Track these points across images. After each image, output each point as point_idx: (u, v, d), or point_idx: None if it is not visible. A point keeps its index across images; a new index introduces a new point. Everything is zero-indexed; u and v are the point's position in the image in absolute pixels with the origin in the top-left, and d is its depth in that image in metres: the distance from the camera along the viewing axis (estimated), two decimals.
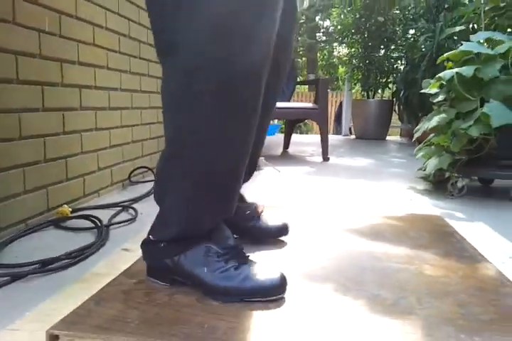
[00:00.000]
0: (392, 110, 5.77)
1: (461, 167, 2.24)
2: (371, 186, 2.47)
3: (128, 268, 1.04)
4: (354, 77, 6.19)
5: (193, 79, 0.80)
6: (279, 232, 1.24)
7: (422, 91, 2.50)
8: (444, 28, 4.87)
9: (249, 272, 0.88)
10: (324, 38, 15.70)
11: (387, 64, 5.91)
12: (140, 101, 2.38)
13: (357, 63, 6.05)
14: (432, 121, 2.30)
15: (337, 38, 6.38)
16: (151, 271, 0.96)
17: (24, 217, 1.45)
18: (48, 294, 0.94)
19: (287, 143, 4.09)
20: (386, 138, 5.87)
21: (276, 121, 7.34)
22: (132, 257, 1.11)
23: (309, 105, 3.47)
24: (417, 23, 5.78)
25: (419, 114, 4.86)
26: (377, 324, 0.79)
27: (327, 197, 2.16)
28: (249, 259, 0.93)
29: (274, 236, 1.24)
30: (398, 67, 5.99)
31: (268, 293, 0.86)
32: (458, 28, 4.53)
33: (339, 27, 6.17)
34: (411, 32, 5.70)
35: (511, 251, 1.33)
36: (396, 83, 5.71)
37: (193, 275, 0.88)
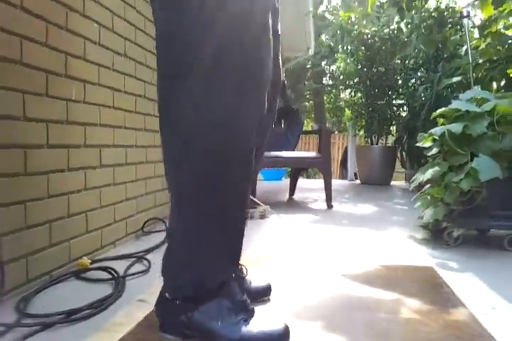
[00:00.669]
0: (396, 156, 5.94)
1: (455, 217, 2.37)
2: (372, 235, 2.59)
3: (144, 319, 1.17)
4: (358, 124, 6.41)
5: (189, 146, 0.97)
6: (264, 293, 1.32)
7: (417, 144, 2.67)
8: (442, 78, 5.10)
9: (258, 324, 0.99)
10: (331, 82, 16.17)
11: (390, 111, 6.14)
12: (153, 156, 2.56)
13: (360, 110, 6.29)
14: (427, 173, 2.45)
15: (342, 83, 6.65)
16: (164, 326, 1.06)
17: (49, 269, 1.59)
18: None
19: (293, 189, 4.25)
20: (391, 184, 6.00)
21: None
22: (148, 307, 1.24)
23: (312, 154, 3.64)
24: (417, 73, 6.05)
25: (422, 161, 5.03)
26: None
27: (327, 246, 2.28)
28: (254, 312, 1.05)
29: (259, 298, 1.30)
30: (400, 114, 6.21)
31: None
32: (455, 78, 4.76)
33: (341, 77, 6.45)
34: (412, 81, 5.95)
35: (495, 302, 1.44)
36: (398, 130, 5.91)
37: (207, 329, 0.98)
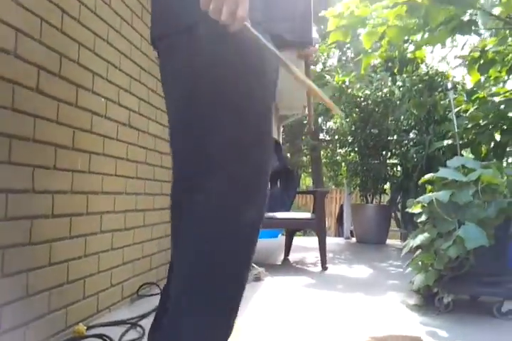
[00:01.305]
0: (391, 215, 6.02)
1: (446, 283, 2.41)
2: (365, 300, 2.62)
3: None
4: (353, 182, 6.53)
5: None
6: None
7: (407, 210, 2.76)
8: (433, 141, 5.28)
9: None
10: (328, 137, 16.50)
11: (384, 170, 6.28)
12: (151, 219, 2.64)
13: (355, 169, 6.44)
14: (417, 239, 2.53)
15: (338, 141, 6.86)
16: None
17: (45, 336, 1.63)
18: None
19: (288, 249, 4.29)
20: (386, 242, 6.04)
21: None
22: None
23: (307, 215, 3.73)
24: (409, 134, 6.25)
25: (416, 221, 5.09)
26: None
27: (319, 314, 2.31)
28: None
29: None
30: (394, 173, 6.35)
31: None
32: (445, 142, 4.93)
33: (336, 136, 6.66)
34: (404, 142, 6.14)
35: None
36: (392, 190, 6.03)
37: None
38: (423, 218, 2.58)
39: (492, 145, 4.58)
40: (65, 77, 1.75)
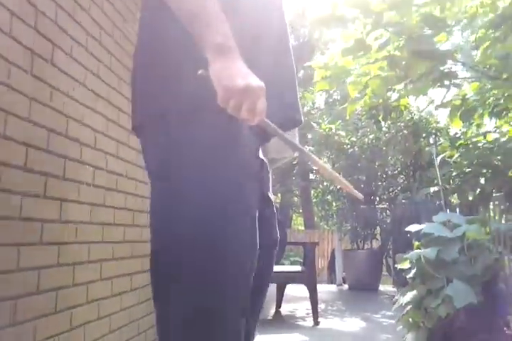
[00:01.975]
0: (382, 261, 6.00)
1: None
2: None
3: None
4: (343, 228, 6.55)
5: None
6: None
7: (396, 266, 2.77)
8: (419, 187, 5.36)
9: None
10: (318, 177, 16.59)
11: (373, 216, 6.31)
12: (139, 282, 2.62)
13: (345, 215, 6.47)
14: (406, 296, 2.53)
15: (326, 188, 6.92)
16: None
17: None
18: None
19: (279, 301, 4.23)
20: (379, 288, 5.98)
21: None
22: None
23: (298, 269, 3.71)
24: (396, 179, 6.34)
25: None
26: None
27: None
28: None
29: None
30: (384, 218, 6.39)
31: None
32: (432, 188, 5.00)
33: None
34: (391, 188, 6.22)
35: None
36: (382, 236, 6.05)
37: None
38: (411, 274, 2.59)
39: (478, 191, 4.66)
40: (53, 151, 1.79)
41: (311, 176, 16.95)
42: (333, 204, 6.99)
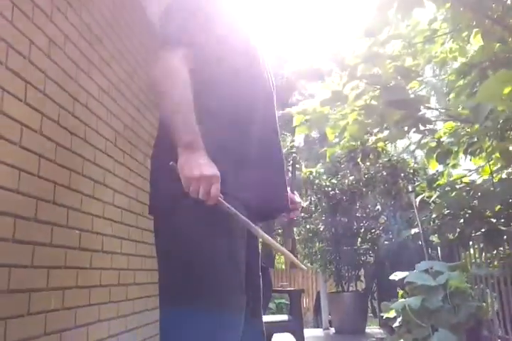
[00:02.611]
0: (367, 303, 5.99)
1: None
2: None
3: None
4: (327, 270, 6.54)
5: None
6: None
7: (382, 314, 2.81)
8: (401, 229, 5.43)
9: None
10: (302, 214, 16.59)
11: (357, 257, 6.34)
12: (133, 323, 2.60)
13: (329, 258, 6.48)
14: None
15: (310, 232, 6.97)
16: None
17: None
18: None
19: None
20: (365, 331, 5.93)
21: None
22: None
23: (284, 318, 3.69)
24: (378, 220, 6.42)
25: None
26: None
27: None
28: None
29: None
30: (367, 259, 6.41)
31: None
32: (413, 230, 5.09)
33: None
34: (373, 229, 6.30)
35: None
36: (366, 278, 6.06)
37: None
38: (397, 323, 2.63)
39: (457, 231, 4.75)
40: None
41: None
42: (317, 244, 7.01)
